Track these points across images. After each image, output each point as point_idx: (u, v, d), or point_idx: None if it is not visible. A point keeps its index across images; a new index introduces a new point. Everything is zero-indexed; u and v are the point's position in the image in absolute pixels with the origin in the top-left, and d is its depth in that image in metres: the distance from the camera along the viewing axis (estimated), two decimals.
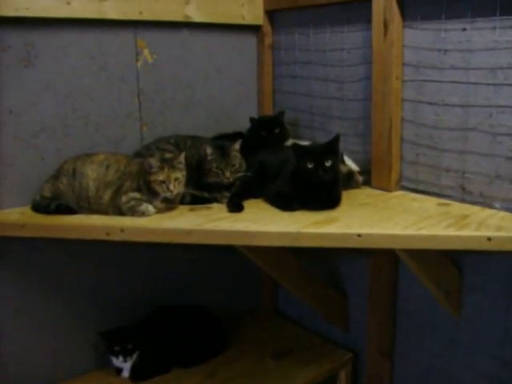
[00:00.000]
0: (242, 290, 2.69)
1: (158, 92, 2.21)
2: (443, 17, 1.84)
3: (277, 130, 2.19)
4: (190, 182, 1.90)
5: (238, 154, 1.98)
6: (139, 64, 2.16)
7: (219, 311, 2.42)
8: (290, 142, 2.22)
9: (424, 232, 1.57)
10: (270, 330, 2.58)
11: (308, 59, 2.33)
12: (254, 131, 2.20)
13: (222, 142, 2.06)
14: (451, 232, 1.57)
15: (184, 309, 2.31)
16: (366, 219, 1.71)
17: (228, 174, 1.93)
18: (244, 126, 2.22)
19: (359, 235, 1.58)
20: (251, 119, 2.21)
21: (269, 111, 2.49)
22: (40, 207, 1.89)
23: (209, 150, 1.95)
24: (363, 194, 2.02)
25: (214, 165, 1.93)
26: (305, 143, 2.08)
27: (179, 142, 2.08)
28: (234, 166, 1.95)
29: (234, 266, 2.59)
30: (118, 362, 2.15)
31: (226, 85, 2.40)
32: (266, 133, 2.18)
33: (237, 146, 1.98)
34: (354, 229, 1.61)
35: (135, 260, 2.31)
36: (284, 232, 1.61)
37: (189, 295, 2.43)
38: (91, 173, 1.87)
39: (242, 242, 1.66)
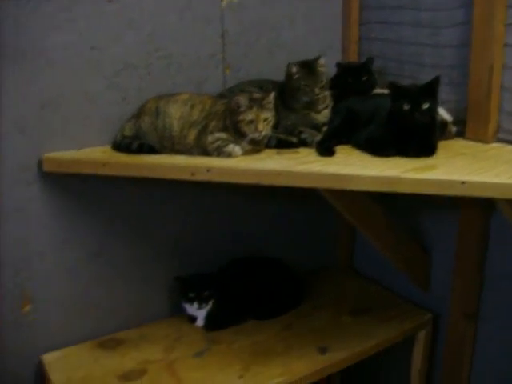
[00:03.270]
0: (318, 246, 2.63)
1: (242, 34, 2.12)
2: None
3: (364, 78, 2.08)
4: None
5: (324, 70, 1.92)
6: (224, 3, 2.06)
7: (294, 265, 2.35)
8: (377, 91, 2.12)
9: None
10: (346, 287, 2.51)
11: (399, 3, 2.18)
12: (340, 78, 2.09)
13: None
14: None
15: (262, 260, 2.27)
16: (465, 168, 1.59)
17: (317, 90, 1.88)
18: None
19: (463, 182, 1.47)
20: (338, 65, 2.10)
21: (354, 59, 2.37)
22: (121, 146, 1.84)
23: (294, 69, 1.87)
24: (458, 144, 1.90)
25: (302, 82, 1.87)
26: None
27: (262, 86, 2.00)
28: (321, 82, 1.89)
29: (311, 222, 2.54)
30: (192, 309, 2.11)
31: (311, 30, 2.29)
32: (352, 80, 2.07)
33: (322, 60, 1.91)
34: (456, 176, 1.50)
35: (216, 209, 2.27)
36: (383, 176, 1.52)
37: (265, 247, 2.38)
38: (175, 112, 1.80)
39: (335, 185, 1.57)
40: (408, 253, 2.22)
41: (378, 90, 2.12)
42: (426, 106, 1.64)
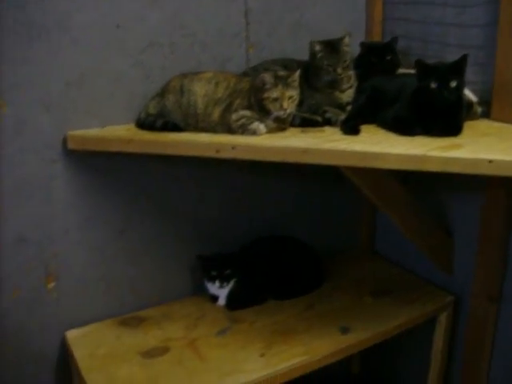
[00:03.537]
0: (340, 228, 2.62)
1: (266, 13, 2.10)
2: None
3: (388, 57, 2.06)
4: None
5: (348, 49, 1.91)
6: None
7: (315, 247, 2.35)
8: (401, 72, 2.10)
9: None
10: (367, 269, 2.50)
11: None
12: (363, 57, 2.07)
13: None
14: None
15: (284, 240, 2.27)
16: (492, 147, 1.58)
17: (340, 70, 1.86)
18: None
19: (490, 161, 1.45)
20: (362, 44, 2.09)
21: (378, 39, 2.35)
22: (145, 124, 1.84)
23: (317, 47, 1.86)
24: (483, 125, 1.88)
25: (325, 62, 1.86)
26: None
27: (287, 65, 1.99)
28: (345, 61, 1.88)
29: (333, 204, 2.55)
30: (213, 288, 2.12)
31: (335, 10, 2.27)
32: (376, 59, 2.05)
33: (346, 40, 1.91)
34: (483, 155, 1.48)
35: (239, 189, 2.27)
36: (409, 154, 1.50)
37: (286, 229, 2.38)
38: (200, 90, 1.80)
39: (362, 163, 1.55)
40: (431, 235, 2.21)
41: (401, 71, 2.10)
42: (453, 84, 1.63)
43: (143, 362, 1.84)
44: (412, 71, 1.96)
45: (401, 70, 2.11)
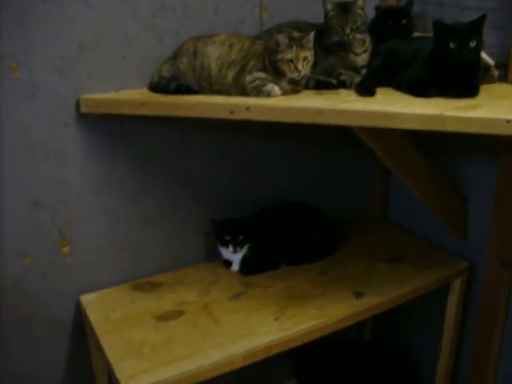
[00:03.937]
0: (353, 196, 2.62)
1: None
2: None
3: (404, 21, 2.02)
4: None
5: (362, 13, 1.87)
6: None
7: (328, 214, 2.35)
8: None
9: None
10: (381, 236, 2.49)
11: None
12: (378, 21, 2.04)
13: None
14: None
15: (297, 206, 2.26)
16: (510, 108, 1.57)
17: (348, 30, 1.83)
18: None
19: (508, 121, 1.43)
20: (377, 8, 2.05)
21: (393, 3, 2.31)
22: (159, 88, 1.83)
23: (329, 6, 1.84)
24: (500, 88, 1.86)
25: (335, 21, 1.84)
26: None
27: (301, 27, 1.96)
28: (355, 23, 1.84)
29: (347, 172, 2.54)
30: (227, 253, 2.12)
31: None
32: (392, 23, 2.02)
33: (360, 2, 1.86)
34: (501, 115, 1.46)
35: (251, 154, 2.26)
36: (426, 114, 1.48)
37: (300, 197, 2.36)
38: (213, 52, 1.78)
39: (379, 123, 1.53)
40: (445, 201, 2.20)
41: (416, 35, 2.08)
42: (473, 43, 1.60)
43: (158, 325, 1.85)
44: (427, 35, 1.94)
45: (416, 34, 2.08)
